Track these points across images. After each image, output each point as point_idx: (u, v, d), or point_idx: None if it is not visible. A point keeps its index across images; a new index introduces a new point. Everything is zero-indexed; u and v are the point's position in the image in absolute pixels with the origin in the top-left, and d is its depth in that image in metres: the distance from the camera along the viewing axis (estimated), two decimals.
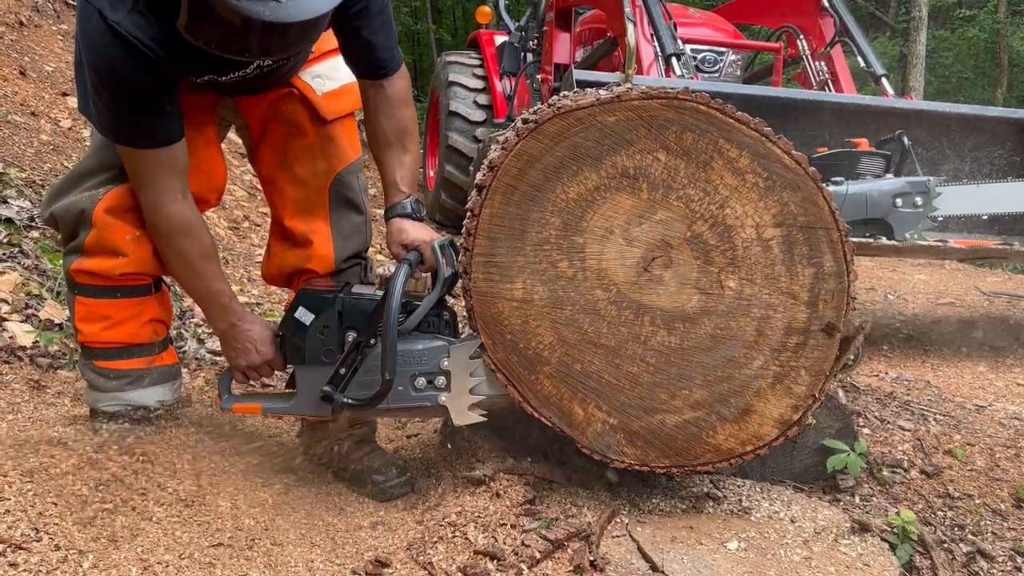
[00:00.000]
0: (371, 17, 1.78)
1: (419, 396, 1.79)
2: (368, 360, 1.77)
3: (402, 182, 1.92)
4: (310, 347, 1.81)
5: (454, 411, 1.80)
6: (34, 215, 3.30)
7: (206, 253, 1.81)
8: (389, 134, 1.91)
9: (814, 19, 4.65)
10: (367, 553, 1.69)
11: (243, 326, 1.84)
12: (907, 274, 5.90)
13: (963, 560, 1.87)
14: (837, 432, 2.07)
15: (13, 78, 4.79)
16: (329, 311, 1.80)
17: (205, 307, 1.87)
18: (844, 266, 1.71)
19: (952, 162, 3.88)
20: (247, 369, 1.88)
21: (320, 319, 1.80)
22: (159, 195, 1.72)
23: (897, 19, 18.42)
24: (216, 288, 1.83)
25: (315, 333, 1.80)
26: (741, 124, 1.66)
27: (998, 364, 3.59)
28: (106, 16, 1.51)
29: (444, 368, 1.78)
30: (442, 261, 1.81)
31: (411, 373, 1.78)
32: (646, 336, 1.73)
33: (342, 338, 1.80)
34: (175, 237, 1.76)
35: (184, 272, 1.82)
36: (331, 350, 1.80)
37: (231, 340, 1.85)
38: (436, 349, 1.79)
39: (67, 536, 1.51)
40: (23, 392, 2.15)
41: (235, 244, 4.70)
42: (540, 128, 1.67)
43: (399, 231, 1.88)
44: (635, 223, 1.71)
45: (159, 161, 1.69)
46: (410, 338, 1.78)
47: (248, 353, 1.85)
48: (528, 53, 6.32)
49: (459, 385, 1.79)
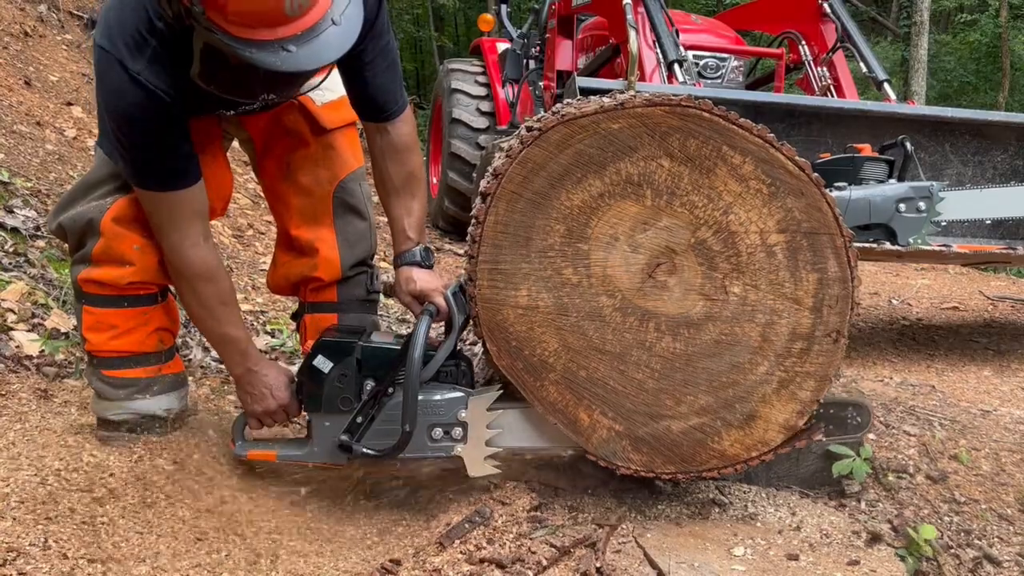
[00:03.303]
0: (375, 61, 1.81)
1: (435, 447, 1.79)
2: (386, 410, 1.76)
3: (410, 229, 1.93)
4: (328, 395, 1.80)
5: (469, 462, 1.80)
6: (40, 224, 3.31)
7: (225, 299, 1.82)
8: (396, 180, 1.92)
9: (816, 25, 4.66)
10: (374, 560, 1.69)
11: (260, 371, 1.85)
12: (911, 279, 5.90)
13: (970, 565, 1.87)
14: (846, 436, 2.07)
15: (18, 88, 4.81)
16: (348, 359, 1.80)
17: (222, 351, 1.89)
18: (848, 271, 1.72)
19: (955, 167, 3.87)
20: (262, 415, 1.88)
21: (339, 367, 1.80)
22: (182, 239, 1.75)
23: (899, 24, 18.43)
24: (234, 334, 1.84)
25: (333, 381, 1.80)
26: (744, 130, 1.67)
27: (1003, 368, 3.58)
28: (127, 66, 1.57)
29: (462, 419, 1.78)
30: (455, 308, 1.81)
31: (428, 423, 1.77)
32: (651, 342, 1.73)
33: (360, 386, 1.80)
34: (196, 281, 1.78)
35: (202, 316, 1.83)
36: (348, 398, 1.80)
37: (247, 385, 1.86)
38: (454, 400, 1.79)
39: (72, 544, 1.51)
40: (30, 401, 2.16)
41: (239, 252, 4.71)
42: (544, 135, 1.67)
43: (408, 280, 1.89)
44: (640, 230, 1.71)
45: (181, 203, 1.72)
46: (428, 388, 1.78)
47: (264, 399, 1.86)
48: (530, 60, 6.34)
49: (476, 436, 1.79)
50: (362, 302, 2.10)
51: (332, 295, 2.04)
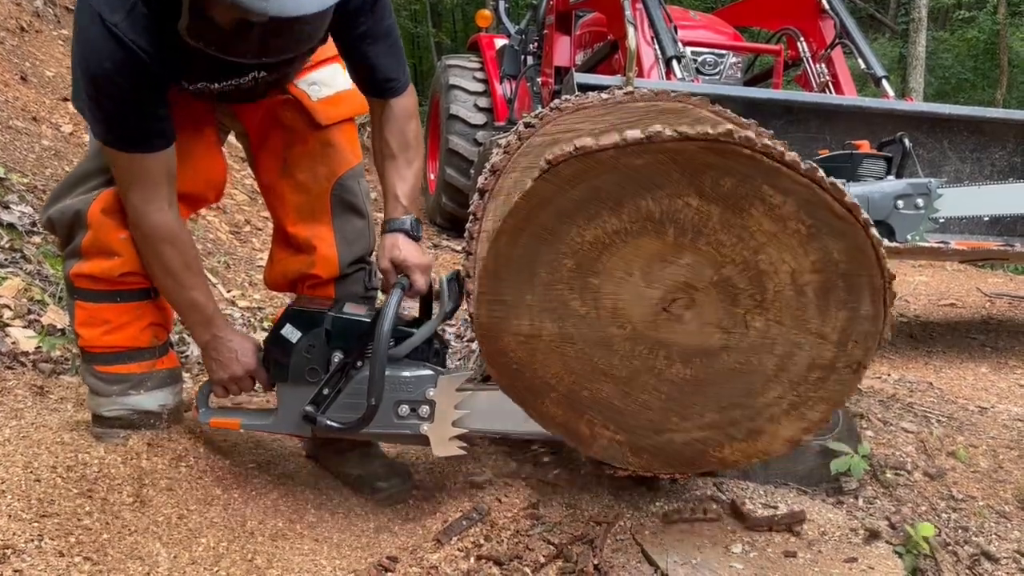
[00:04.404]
0: (377, 39, 1.78)
1: (400, 423, 1.77)
2: (353, 383, 1.74)
3: (403, 197, 1.89)
4: (294, 365, 1.78)
5: (435, 441, 1.77)
6: (36, 220, 3.30)
7: (189, 263, 1.79)
8: (393, 147, 1.90)
9: (814, 21, 4.66)
10: (372, 557, 1.69)
11: (225, 338, 1.83)
12: (908, 275, 5.90)
13: (967, 562, 1.87)
14: (840, 434, 2.07)
15: (14, 83, 4.80)
16: (317, 330, 1.78)
17: (186, 318, 1.85)
18: (882, 310, 1.57)
19: (953, 164, 3.88)
20: (228, 382, 1.86)
21: (307, 337, 1.78)
22: (145, 203, 1.71)
23: (897, 20, 18.44)
24: (198, 300, 1.81)
25: (301, 351, 1.78)
26: (790, 170, 1.44)
27: (1000, 365, 3.59)
28: (105, 18, 1.50)
29: (429, 398, 1.76)
30: (446, 294, 1.78)
31: (395, 399, 1.75)
32: (660, 368, 1.63)
33: (328, 358, 1.77)
34: (159, 244, 1.74)
35: (165, 280, 1.79)
36: (316, 369, 1.78)
37: (212, 352, 1.84)
38: (423, 378, 1.76)
39: (68, 542, 1.51)
40: (26, 397, 2.15)
41: (236, 249, 4.70)
42: (554, 170, 1.45)
43: (393, 246, 1.85)
44: (658, 266, 1.55)
45: (147, 167, 1.68)
46: (397, 364, 1.76)
47: (230, 365, 1.83)
48: (528, 56, 6.33)
49: (443, 416, 1.77)
50: (360, 299, 2.09)
51: (330, 292, 2.03)
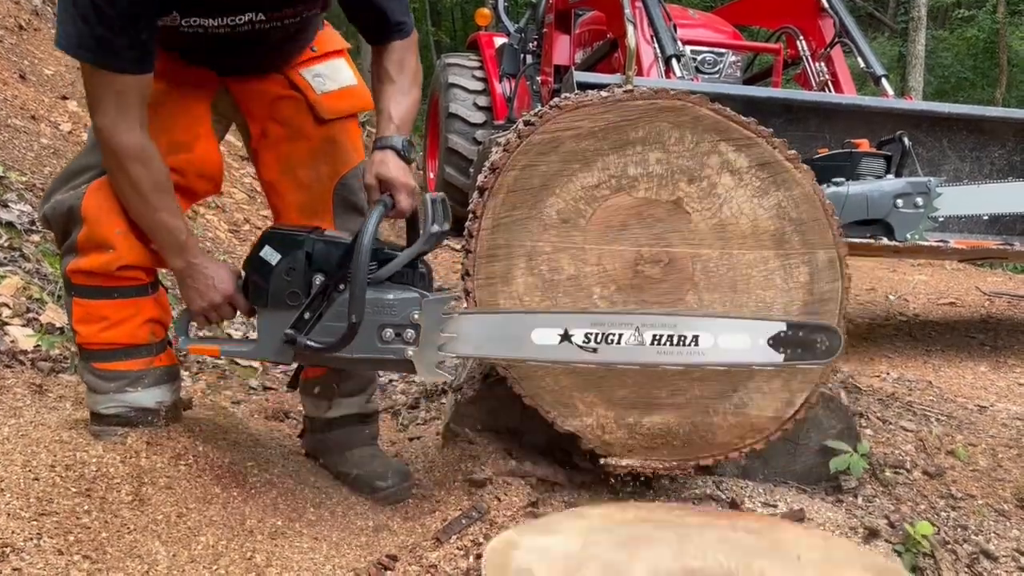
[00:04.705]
0: None
1: (385, 348, 1.70)
2: (335, 306, 1.69)
3: (396, 117, 1.83)
4: (274, 288, 1.72)
5: (420, 366, 1.70)
6: (35, 219, 3.30)
7: (159, 185, 1.73)
8: (392, 73, 1.85)
9: (814, 20, 4.65)
10: (370, 556, 1.69)
11: (201, 264, 1.77)
12: (907, 274, 5.90)
13: (966, 561, 1.87)
14: (839, 433, 2.07)
15: (13, 82, 4.79)
16: (297, 252, 1.72)
17: (159, 242, 1.79)
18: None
19: (952, 163, 3.88)
20: (207, 310, 1.80)
21: (287, 260, 1.72)
22: (116, 124, 1.66)
23: (896, 19, 18.44)
24: (171, 223, 1.75)
25: (280, 274, 1.72)
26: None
27: (999, 364, 3.59)
28: None
29: (414, 321, 1.69)
30: (431, 215, 1.72)
31: (379, 323, 1.69)
32: None
33: (309, 281, 1.72)
34: (128, 163, 1.69)
35: (135, 201, 1.74)
36: (296, 293, 1.72)
37: (188, 279, 1.78)
38: (407, 300, 1.70)
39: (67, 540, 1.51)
40: (25, 396, 2.15)
41: (236, 247, 4.70)
42: None
43: (381, 162, 1.78)
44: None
45: (124, 89, 1.64)
46: (381, 287, 1.70)
47: (208, 292, 1.78)
48: (528, 55, 6.33)
49: (428, 340, 1.69)
50: None
51: None
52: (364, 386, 2.11)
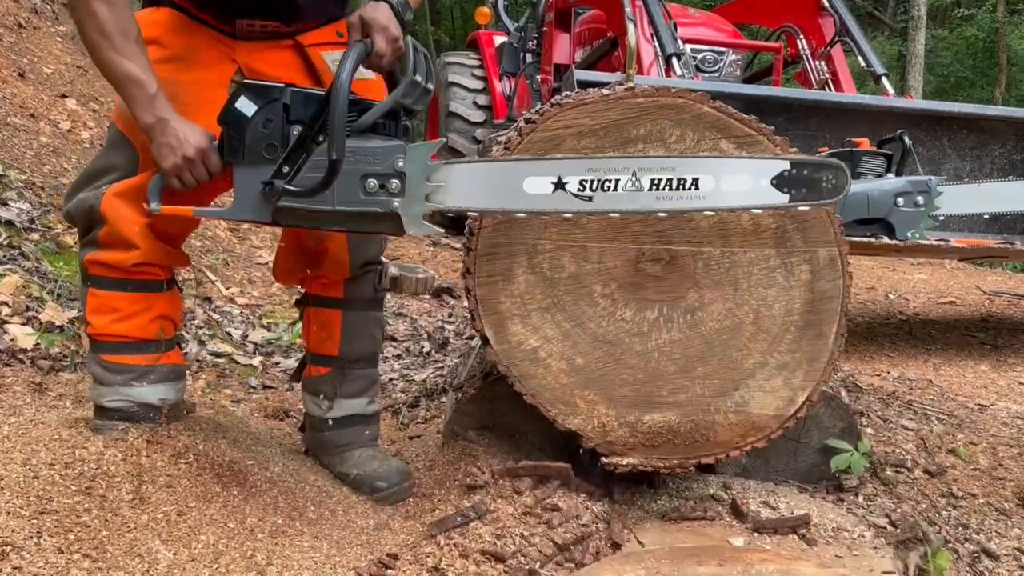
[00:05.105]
0: None
1: (369, 200, 1.62)
2: (314, 155, 1.62)
3: None
4: (251, 141, 1.64)
5: (407, 219, 1.63)
6: (34, 217, 3.29)
7: (126, 29, 1.66)
8: None
9: (814, 19, 4.66)
10: (371, 555, 1.69)
11: (171, 120, 1.69)
12: (908, 273, 5.90)
13: (968, 560, 1.87)
14: (840, 432, 2.06)
15: (12, 80, 4.78)
16: (274, 104, 1.65)
17: (128, 95, 1.71)
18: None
19: (953, 161, 3.88)
20: (180, 167, 1.71)
21: (263, 111, 1.65)
22: None
23: (896, 18, 18.44)
24: (139, 75, 1.67)
25: (257, 126, 1.65)
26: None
27: (1000, 363, 3.59)
28: None
29: (399, 169, 1.61)
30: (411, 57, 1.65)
31: (361, 172, 1.61)
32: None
33: (287, 133, 1.65)
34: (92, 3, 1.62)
35: (101, 46, 1.66)
36: (274, 145, 1.65)
37: (159, 136, 1.69)
38: (391, 148, 1.62)
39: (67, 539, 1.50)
40: (24, 394, 2.15)
41: (235, 246, 4.70)
42: None
43: (372, 8, 1.69)
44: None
45: None
46: (363, 136, 1.62)
47: (181, 146, 1.68)
48: (527, 53, 6.33)
49: (414, 190, 1.62)
50: (368, 301, 2.07)
51: (338, 292, 2.01)
52: (366, 388, 2.10)
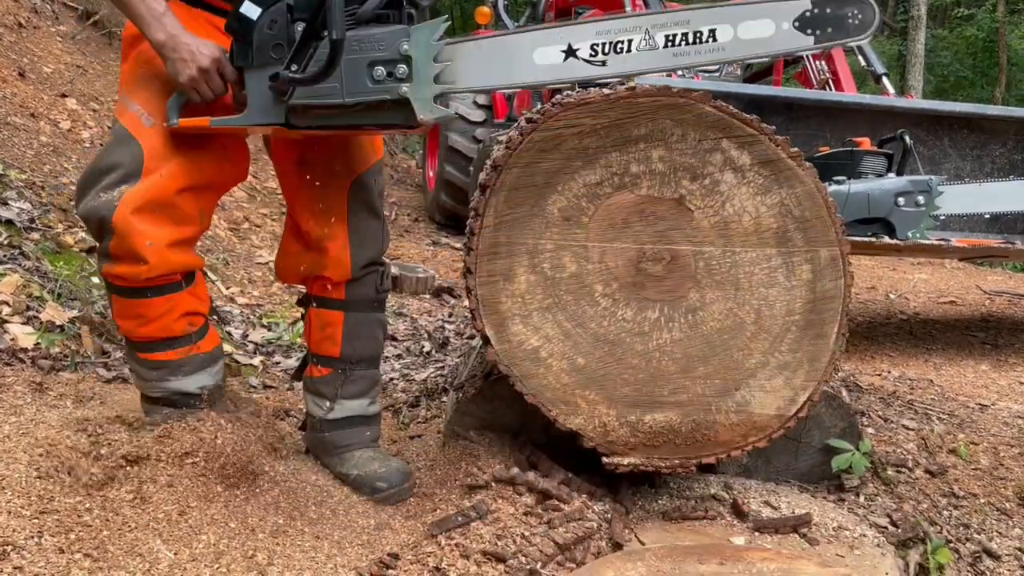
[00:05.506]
0: None
1: (378, 88, 1.62)
2: (320, 49, 1.62)
3: None
4: (258, 43, 1.66)
5: (418, 104, 1.62)
6: (34, 217, 3.29)
7: None
8: None
9: None
10: (372, 554, 1.68)
11: (181, 36, 1.72)
12: (908, 273, 5.90)
13: (969, 559, 1.87)
14: (841, 432, 2.06)
15: (12, 80, 4.78)
16: (278, 5, 1.67)
17: (137, 15, 1.72)
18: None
19: (953, 161, 3.88)
20: (196, 80, 1.73)
21: (268, 13, 1.68)
22: None
23: (895, 18, 18.42)
24: None
25: (263, 28, 1.66)
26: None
27: (1000, 363, 3.59)
28: None
29: (405, 53, 1.60)
30: None
31: (368, 60, 1.61)
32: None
33: (292, 32, 1.67)
34: None
35: None
36: (281, 45, 1.66)
37: (172, 52, 1.72)
38: (395, 32, 1.61)
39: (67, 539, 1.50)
40: (25, 394, 2.14)
41: (235, 245, 4.70)
42: None
43: None
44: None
45: None
46: (366, 26, 1.63)
47: (194, 59, 1.71)
48: None
49: (422, 73, 1.61)
50: (370, 302, 2.07)
51: (340, 293, 2.01)
52: (367, 389, 2.09)
